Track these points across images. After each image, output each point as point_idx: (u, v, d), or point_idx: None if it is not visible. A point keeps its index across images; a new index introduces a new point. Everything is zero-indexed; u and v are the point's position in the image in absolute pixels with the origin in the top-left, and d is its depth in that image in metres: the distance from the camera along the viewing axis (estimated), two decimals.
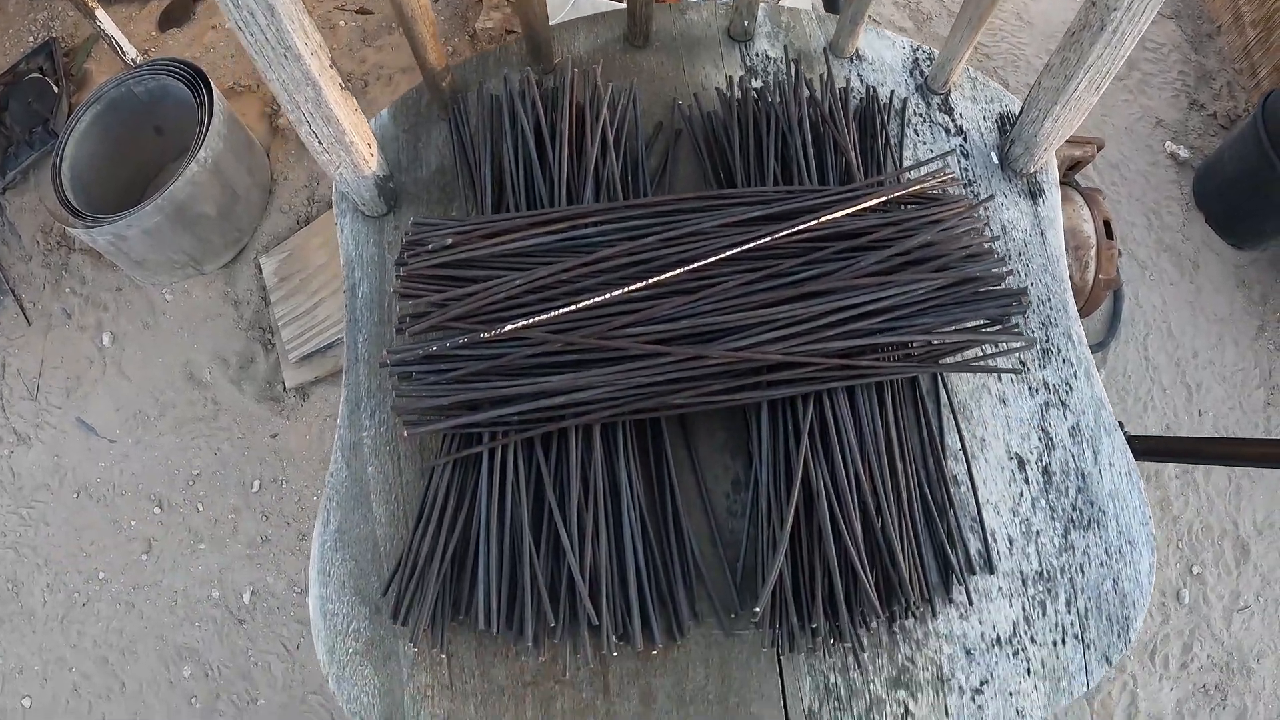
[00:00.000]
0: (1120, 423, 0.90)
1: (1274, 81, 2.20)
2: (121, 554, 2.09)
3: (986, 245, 0.84)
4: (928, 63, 1.06)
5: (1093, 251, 1.76)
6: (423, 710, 0.81)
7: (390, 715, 0.81)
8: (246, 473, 2.11)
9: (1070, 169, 1.75)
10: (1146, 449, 1.05)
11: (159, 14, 2.69)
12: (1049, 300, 0.93)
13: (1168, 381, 2.04)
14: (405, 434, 0.78)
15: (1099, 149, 1.82)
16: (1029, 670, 0.80)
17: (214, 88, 2.09)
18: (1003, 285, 0.84)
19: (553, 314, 0.74)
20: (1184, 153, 2.26)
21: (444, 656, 0.82)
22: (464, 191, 0.96)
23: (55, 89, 2.51)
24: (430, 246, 0.81)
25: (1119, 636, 0.82)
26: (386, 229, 0.99)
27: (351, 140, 0.88)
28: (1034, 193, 0.99)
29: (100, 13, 2.22)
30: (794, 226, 0.79)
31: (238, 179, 2.16)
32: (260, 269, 2.23)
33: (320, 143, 0.87)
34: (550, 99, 0.95)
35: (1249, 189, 2.04)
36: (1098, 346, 2.04)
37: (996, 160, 1.00)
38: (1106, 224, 1.77)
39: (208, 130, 2.03)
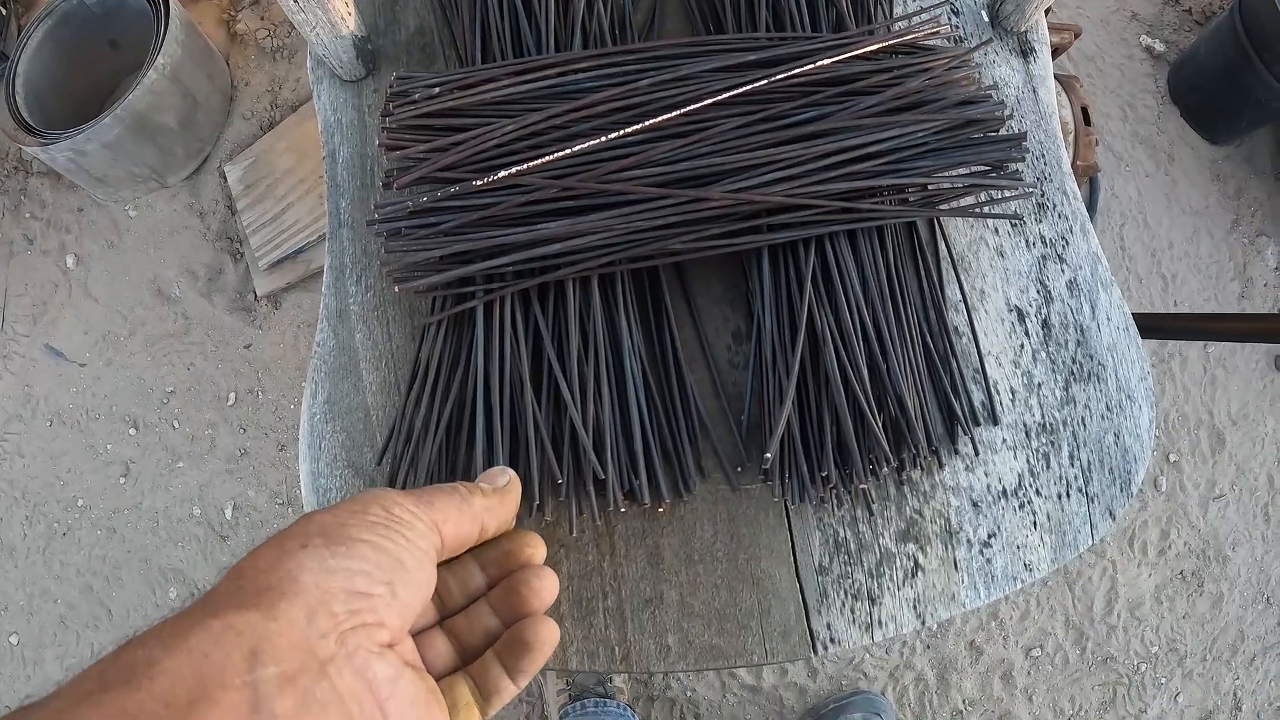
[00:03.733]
0: None
1: None
2: (99, 479, 2.06)
3: (984, 91, 0.83)
4: None
5: (1070, 138, 1.75)
6: None
7: None
8: (221, 386, 2.08)
9: None
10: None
11: None
12: (1043, 155, 0.92)
13: (1143, 271, 2.05)
14: (397, 290, 0.75)
15: (1076, 36, 1.81)
16: (1035, 523, 0.80)
17: None
18: (1001, 131, 0.83)
19: (546, 159, 0.72)
20: (1159, 46, 2.25)
21: None
22: (445, 51, 0.92)
23: (4, 10, 2.41)
24: (415, 98, 0.78)
25: (1121, 490, 0.82)
26: (365, 92, 0.95)
27: None
28: (1025, 51, 0.97)
29: None
30: (789, 70, 0.77)
31: (197, 87, 2.10)
32: (225, 177, 2.18)
33: (295, 1, 0.83)
34: None
35: (1224, 84, 2.05)
36: None
37: (987, 19, 0.98)
38: (1084, 110, 1.77)
39: (165, 37, 1.96)
